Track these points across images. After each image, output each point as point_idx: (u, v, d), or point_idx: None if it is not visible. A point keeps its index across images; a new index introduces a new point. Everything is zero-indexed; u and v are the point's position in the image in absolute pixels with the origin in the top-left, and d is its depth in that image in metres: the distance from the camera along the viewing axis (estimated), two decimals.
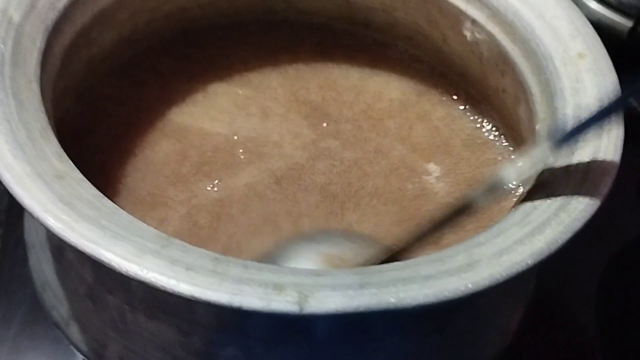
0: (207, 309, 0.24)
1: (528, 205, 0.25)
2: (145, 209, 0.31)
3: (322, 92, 0.37)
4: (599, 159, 0.26)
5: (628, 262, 0.47)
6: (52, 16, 0.28)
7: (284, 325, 0.24)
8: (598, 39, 0.30)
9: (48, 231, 0.28)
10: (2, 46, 0.26)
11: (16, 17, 0.27)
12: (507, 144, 0.35)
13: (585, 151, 0.26)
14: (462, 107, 0.37)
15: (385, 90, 0.37)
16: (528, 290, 0.31)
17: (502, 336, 0.30)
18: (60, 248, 0.27)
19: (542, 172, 0.26)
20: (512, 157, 0.35)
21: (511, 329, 0.31)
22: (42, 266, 0.29)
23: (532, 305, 0.32)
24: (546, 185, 0.26)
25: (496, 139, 0.35)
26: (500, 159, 0.35)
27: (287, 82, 0.37)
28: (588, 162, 0.26)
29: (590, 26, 0.31)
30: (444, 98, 0.37)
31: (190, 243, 0.22)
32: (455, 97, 0.37)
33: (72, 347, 0.29)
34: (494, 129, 0.36)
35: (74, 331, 0.28)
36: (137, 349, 0.27)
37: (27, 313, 0.41)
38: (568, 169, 0.26)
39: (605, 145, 0.26)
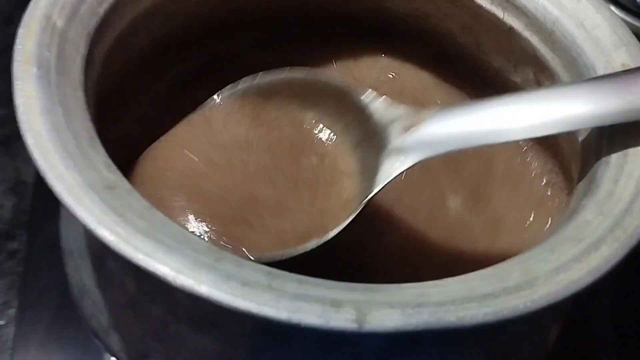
0: (255, 322, 0.24)
1: (580, 219, 0.24)
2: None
3: None
4: None
5: None
6: (93, 22, 0.28)
7: (332, 339, 0.24)
8: None
9: (88, 239, 0.28)
10: (47, 53, 0.25)
11: (60, 22, 0.27)
12: (541, 152, 0.35)
13: (636, 164, 0.26)
14: None
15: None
16: (567, 303, 0.31)
17: (541, 348, 0.30)
18: (101, 256, 0.27)
19: (591, 183, 0.26)
20: (547, 165, 0.34)
21: (549, 343, 0.30)
22: (80, 274, 0.29)
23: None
24: (595, 197, 0.25)
25: (530, 147, 0.35)
26: (534, 173, 0.35)
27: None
28: (639, 176, 0.25)
29: (634, 36, 0.30)
30: None
31: None
32: None
33: (107, 356, 0.29)
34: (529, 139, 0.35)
35: (114, 340, 0.28)
36: None
37: (55, 317, 0.40)
38: (618, 181, 0.25)
39: None
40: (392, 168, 0.28)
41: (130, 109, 0.34)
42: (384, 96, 0.30)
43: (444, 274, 0.23)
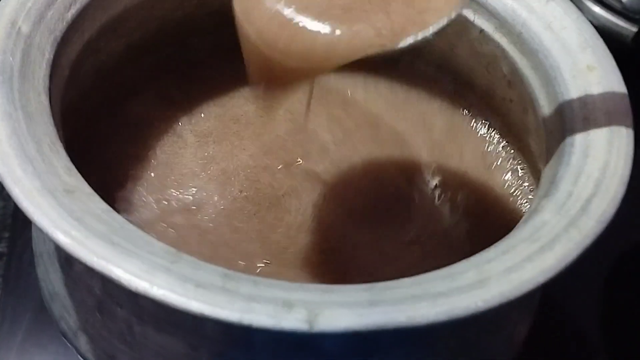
0: (215, 323, 0.24)
1: (537, 219, 0.24)
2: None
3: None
4: (609, 172, 0.26)
5: (632, 268, 0.47)
6: (60, 27, 0.28)
7: (292, 340, 0.24)
8: (607, 51, 0.30)
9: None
10: (10, 59, 0.26)
11: (25, 28, 0.27)
12: (512, 152, 0.35)
13: (595, 165, 0.26)
14: (467, 116, 0.37)
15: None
16: (534, 301, 0.31)
17: (509, 348, 0.30)
18: (68, 259, 0.27)
19: (551, 184, 0.26)
20: (518, 167, 0.35)
21: (518, 340, 0.31)
22: (50, 276, 0.29)
23: (538, 314, 0.32)
24: (554, 197, 0.25)
25: (502, 148, 0.35)
26: (505, 168, 0.35)
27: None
28: (598, 176, 0.25)
29: (600, 38, 0.31)
30: (449, 106, 0.37)
31: None
32: (460, 106, 0.37)
33: (79, 357, 0.29)
34: (499, 138, 0.35)
35: (82, 342, 0.28)
36: None
37: (34, 320, 0.41)
38: (577, 182, 0.26)
39: (615, 159, 0.26)
40: None
41: (106, 113, 0.34)
42: None
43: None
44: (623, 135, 0.27)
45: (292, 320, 0.21)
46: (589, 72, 0.29)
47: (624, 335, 0.44)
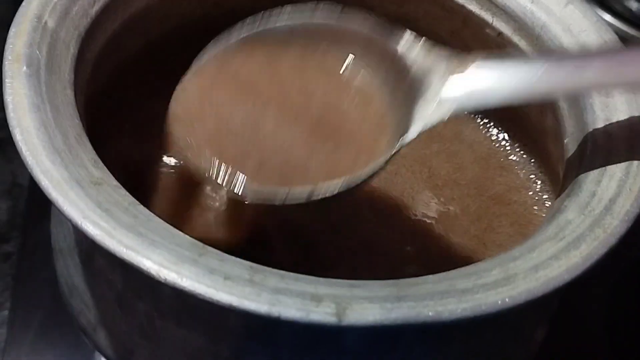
0: (238, 317, 0.24)
1: (562, 219, 0.25)
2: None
3: None
4: (632, 172, 0.26)
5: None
6: (85, 22, 0.28)
7: (314, 334, 0.24)
8: None
9: (77, 237, 0.28)
10: (37, 52, 0.26)
11: (51, 22, 0.27)
12: (528, 155, 0.35)
13: (618, 166, 0.26)
14: (482, 118, 0.37)
15: None
16: (553, 305, 0.31)
17: (526, 349, 0.30)
18: (89, 254, 0.28)
19: (574, 184, 0.26)
20: (533, 168, 0.35)
21: (535, 342, 0.31)
22: (69, 272, 0.29)
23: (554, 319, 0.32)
24: (578, 197, 0.26)
25: (517, 150, 0.35)
26: (520, 170, 0.35)
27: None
28: (621, 176, 0.26)
29: (619, 41, 0.31)
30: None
31: None
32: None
33: (96, 352, 0.29)
34: (514, 139, 0.36)
35: (101, 337, 0.28)
36: (165, 356, 0.27)
37: (46, 317, 0.41)
38: (600, 182, 0.26)
39: (637, 161, 0.26)
40: (432, 115, 0.26)
41: (124, 110, 0.35)
42: (422, 39, 0.28)
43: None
44: None
45: (321, 314, 0.21)
46: None
47: (633, 341, 0.44)
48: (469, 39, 0.36)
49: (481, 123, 0.37)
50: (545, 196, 0.34)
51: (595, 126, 0.28)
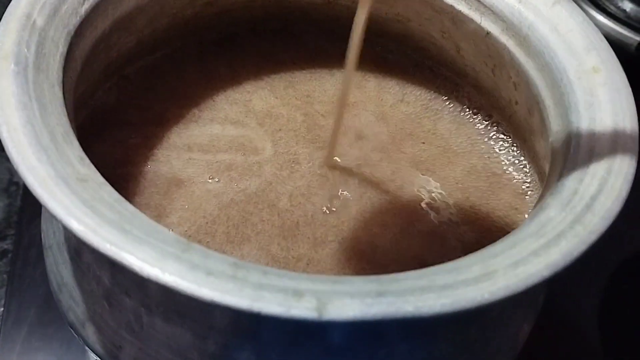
0: (224, 313, 0.24)
1: (543, 216, 0.25)
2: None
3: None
4: (614, 171, 0.26)
5: (634, 269, 0.47)
6: (74, 21, 0.28)
7: (299, 330, 0.25)
8: (612, 53, 0.30)
9: (66, 233, 0.28)
10: (25, 50, 0.26)
11: (40, 21, 0.27)
12: (517, 154, 0.35)
13: (601, 164, 0.26)
14: (473, 118, 0.37)
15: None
16: (538, 301, 0.31)
17: (511, 347, 0.30)
18: (78, 250, 0.28)
19: (557, 182, 0.27)
20: (523, 167, 0.35)
21: (521, 340, 0.31)
22: (59, 268, 0.29)
23: (541, 316, 0.32)
24: (560, 195, 0.26)
25: (507, 149, 0.36)
26: (510, 169, 0.35)
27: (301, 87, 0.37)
28: (603, 174, 0.26)
29: (605, 40, 0.31)
30: (456, 108, 0.37)
31: None
32: (467, 108, 0.37)
33: (86, 348, 0.29)
34: (505, 139, 0.36)
35: (90, 332, 0.28)
36: (152, 352, 0.27)
37: (39, 313, 0.41)
38: (583, 180, 0.26)
39: (620, 158, 0.26)
40: None
41: (114, 108, 0.35)
42: None
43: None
44: (628, 134, 0.27)
45: (302, 309, 0.21)
46: (594, 73, 0.30)
47: (624, 336, 0.44)
48: (459, 39, 0.36)
49: (472, 121, 0.37)
50: (532, 194, 0.34)
51: (579, 125, 0.28)
